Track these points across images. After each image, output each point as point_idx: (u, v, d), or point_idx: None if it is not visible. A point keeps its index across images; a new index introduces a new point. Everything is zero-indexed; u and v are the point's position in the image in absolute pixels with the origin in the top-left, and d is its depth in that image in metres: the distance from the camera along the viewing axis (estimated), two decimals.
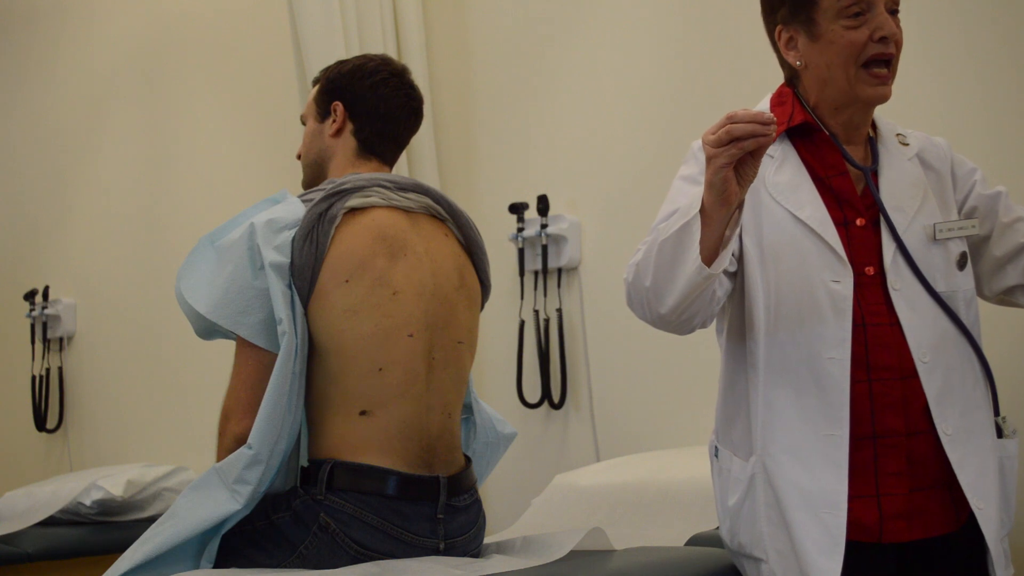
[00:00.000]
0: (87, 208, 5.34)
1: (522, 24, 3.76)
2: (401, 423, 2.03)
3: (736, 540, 1.90)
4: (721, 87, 3.25)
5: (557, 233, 3.53)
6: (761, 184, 1.86)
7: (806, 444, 1.79)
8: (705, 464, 2.85)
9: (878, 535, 1.80)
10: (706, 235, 1.69)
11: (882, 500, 1.80)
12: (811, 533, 1.77)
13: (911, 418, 1.81)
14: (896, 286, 1.82)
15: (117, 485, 4.09)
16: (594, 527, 2.18)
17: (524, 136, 3.72)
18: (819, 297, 1.80)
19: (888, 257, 1.83)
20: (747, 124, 1.61)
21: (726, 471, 1.93)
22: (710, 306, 1.82)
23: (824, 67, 1.86)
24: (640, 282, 1.81)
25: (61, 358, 5.34)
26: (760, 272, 1.84)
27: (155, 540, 1.92)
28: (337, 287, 2.01)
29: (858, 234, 1.85)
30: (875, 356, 1.81)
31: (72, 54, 5.48)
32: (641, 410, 3.39)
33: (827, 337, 1.79)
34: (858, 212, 1.86)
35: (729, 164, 1.64)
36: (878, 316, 1.82)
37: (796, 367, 1.81)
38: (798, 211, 1.84)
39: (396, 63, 2.28)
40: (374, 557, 1.96)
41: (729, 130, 1.62)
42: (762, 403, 1.83)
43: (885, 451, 1.80)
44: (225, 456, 1.97)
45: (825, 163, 1.88)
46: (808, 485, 1.78)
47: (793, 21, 1.88)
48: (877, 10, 1.82)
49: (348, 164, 2.22)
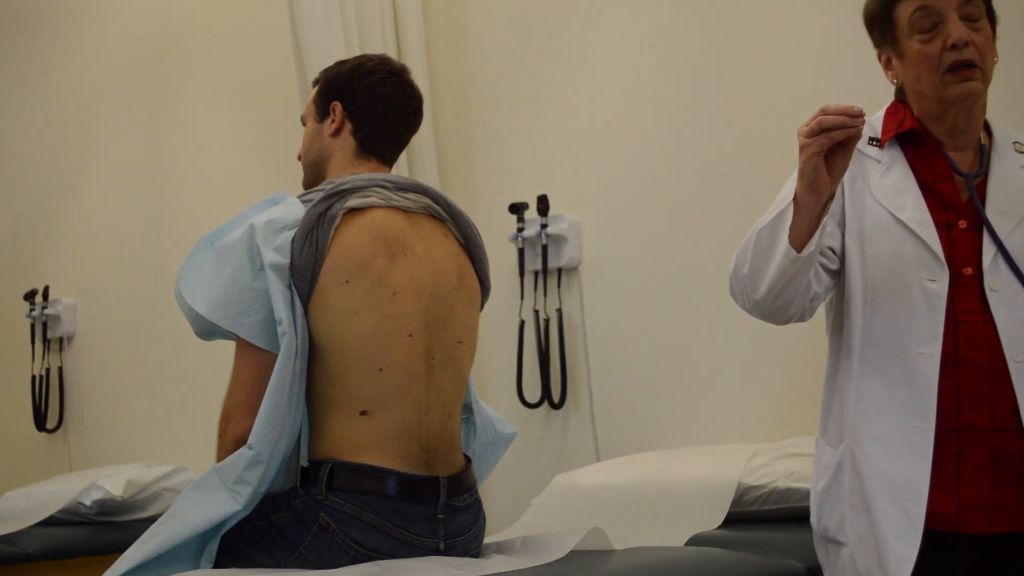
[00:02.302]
0: (87, 208, 5.34)
1: (522, 24, 3.76)
2: (401, 423, 2.03)
3: (822, 524, 1.98)
4: (721, 87, 3.25)
5: (557, 233, 3.53)
6: (866, 187, 1.95)
7: (894, 434, 1.87)
8: (705, 464, 2.86)
9: (955, 526, 1.86)
10: (797, 222, 1.80)
11: (962, 492, 1.86)
12: (891, 519, 1.84)
13: (997, 415, 1.86)
14: (994, 287, 1.88)
15: (117, 485, 4.10)
16: (594, 527, 2.18)
17: (524, 136, 3.72)
18: (914, 294, 1.88)
19: (987, 259, 1.89)
20: (837, 116, 1.73)
21: (818, 458, 2.01)
22: (804, 297, 1.90)
23: (913, 81, 1.96)
24: (739, 270, 1.92)
25: (61, 358, 5.34)
26: (860, 269, 1.93)
27: (155, 540, 1.92)
28: (337, 287, 2.01)
29: (959, 236, 1.91)
30: (964, 353, 1.87)
31: (71, 55, 5.48)
32: (641, 410, 3.39)
33: (920, 333, 1.87)
34: (961, 215, 1.92)
35: (819, 153, 1.75)
36: (971, 315, 1.88)
37: (889, 360, 1.89)
38: (899, 212, 1.91)
39: (395, 62, 2.27)
40: (374, 557, 1.96)
41: (820, 121, 1.73)
42: (854, 393, 1.92)
43: (969, 445, 1.86)
44: (225, 456, 1.97)
45: (932, 169, 1.95)
46: (892, 473, 1.86)
47: (883, 43, 1.99)
48: (948, 20, 1.90)
49: (347, 164, 2.21)
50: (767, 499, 2.68)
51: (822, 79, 3.00)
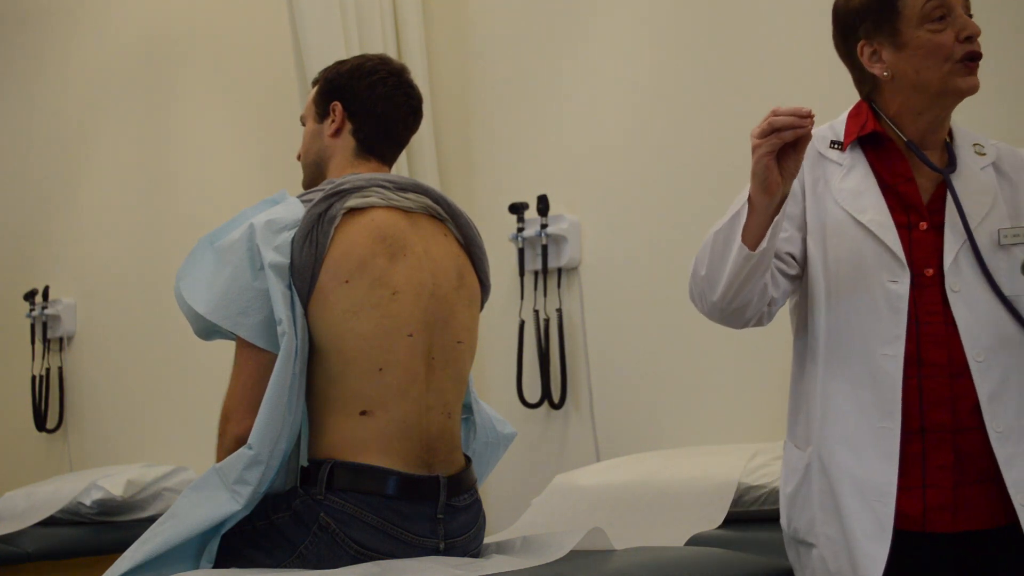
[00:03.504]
0: (87, 208, 5.34)
1: (522, 24, 3.76)
2: (401, 423, 2.03)
3: (792, 526, 1.99)
4: (721, 87, 3.25)
5: (557, 233, 3.53)
6: (827, 191, 1.97)
7: (860, 435, 1.89)
8: (705, 464, 2.86)
9: (922, 525, 1.88)
10: (751, 223, 1.84)
11: (927, 492, 1.88)
12: (861, 520, 1.86)
13: (959, 415, 1.88)
14: (955, 288, 1.89)
15: (117, 485, 4.10)
16: (594, 527, 2.18)
17: (524, 136, 3.72)
18: (876, 296, 1.89)
19: (948, 260, 1.90)
20: (787, 117, 1.77)
21: (787, 460, 2.03)
22: (762, 300, 1.92)
23: (913, 72, 1.94)
24: (697, 272, 1.94)
25: (61, 358, 5.34)
26: (822, 272, 1.95)
27: (155, 540, 1.92)
28: (337, 287, 2.01)
29: (920, 237, 1.93)
30: (926, 353, 1.89)
31: (71, 55, 5.48)
32: (641, 410, 3.39)
33: (882, 334, 1.89)
34: (922, 216, 1.94)
35: (770, 153, 1.78)
36: (933, 316, 1.89)
37: (853, 362, 1.91)
38: (859, 215, 1.93)
39: (394, 62, 2.27)
40: (374, 557, 1.96)
41: (771, 122, 1.78)
42: (820, 395, 1.94)
43: (933, 445, 1.88)
44: (225, 456, 1.97)
45: (893, 171, 1.96)
46: (860, 474, 1.88)
47: (877, 34, 1.96)
48: (956, 12, 1.91)
49: (347, 164, 2.21)
50: (767, 499, 2.69)
51: (821, 79, 2.99)
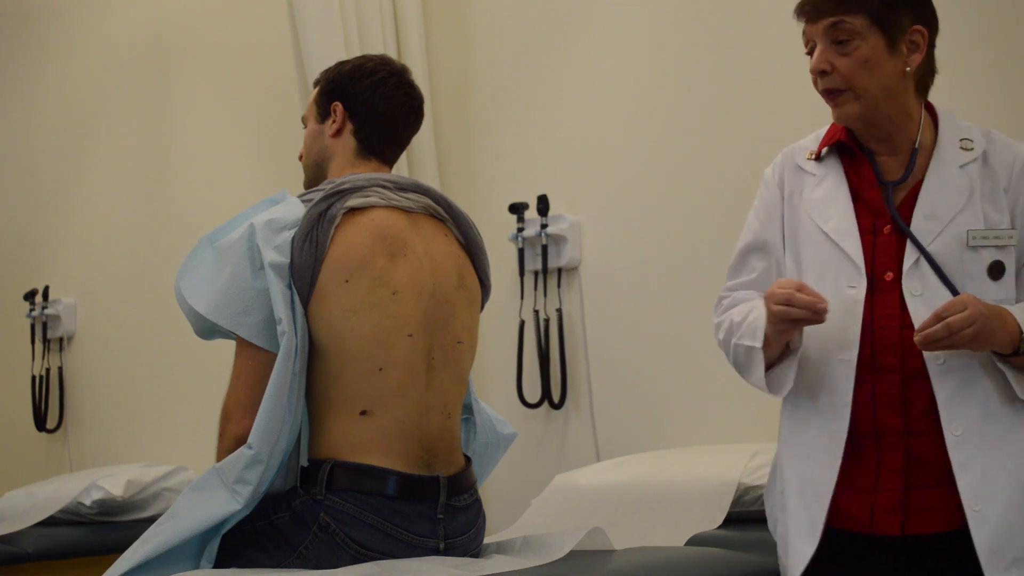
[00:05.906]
0: (87, 208, 5.34)
1: (522, 24, 3.76)
2: (401, 423, 2.03)
3: (770, 524, 2.08)
4: (720, 87, 3.25)
5: (557, 233, 3.53)
6: (801, 202, 2.03)
7: (812, 438, 1.95)
8: (705, 464, 2.85)
9: (869, 526, 1.91)
10: (768, 353, 1.96)
11: (877, 494, 1.91)
12: (798, 519, 1.94)
13: (910, 417, 1.90)
14: (915, 292, 1.91)
15: (117, 485, 4.09)
16: (594, 527, 2.18)
17: (524, 136, 3.73)
18: (835, 303, 1.91)
19: (908, 264, 1.92)
20: (802, 311, 1.86)
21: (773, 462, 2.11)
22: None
23: None
24: (725, 350, 2.06)
25: (61, 358, 5.34)
26: None
27: (155, 540, 1.92)
28: (337, 287, 2.01)
29: (884, 241, 1.95)
30: (880, 358, 1.91)
31: (71, 55, 5.48)
32: (641, 410, 3.39)
33: (838, 340, 1.93)
34: (886, 221, 1.96)
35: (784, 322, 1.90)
36: (889, 320, 1.91)
37: (814, 367, 1.97)
38: (824, 224, 1.98)
39: (395, 63, 2.27)
40: (374, 557, 1.96)
41: (787, 312, 1.87)
42: (789, 399, 2.01)
43: (886, 448, 1.91)
44: (225, 456, 1.97)
45: (860, 177, 2.00)
46: (806, 475, 1.95)
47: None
48: (817, 46, 1.96)
49: (348, 164, 2.22)
50: None
51: None
